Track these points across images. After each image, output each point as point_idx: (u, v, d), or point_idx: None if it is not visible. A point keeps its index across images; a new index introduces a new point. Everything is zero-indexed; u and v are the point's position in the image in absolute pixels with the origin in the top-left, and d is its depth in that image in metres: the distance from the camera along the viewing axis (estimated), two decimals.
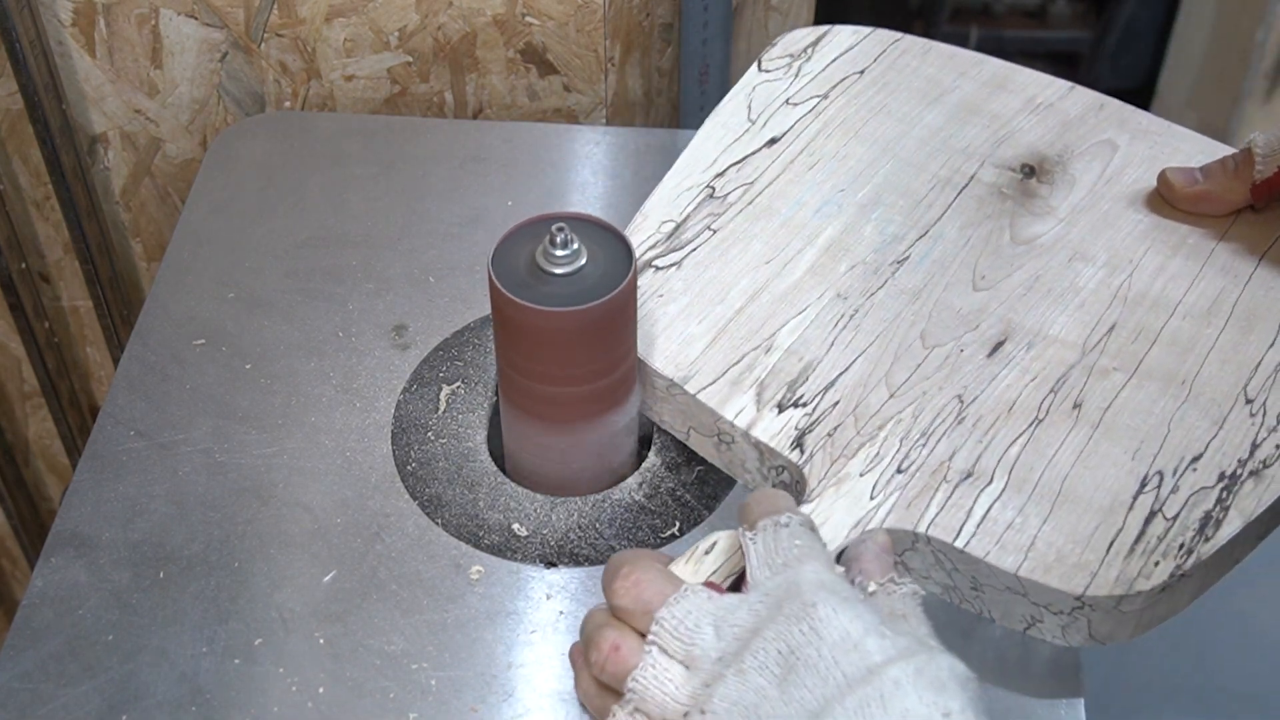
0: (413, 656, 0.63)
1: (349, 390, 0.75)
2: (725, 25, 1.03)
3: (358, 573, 0.66)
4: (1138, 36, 1.86)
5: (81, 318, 1.14)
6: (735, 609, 0.49)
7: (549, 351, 0.62)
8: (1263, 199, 0.72)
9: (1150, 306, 0.69)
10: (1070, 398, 0.65)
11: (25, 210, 1.06)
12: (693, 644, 0.49)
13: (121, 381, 0.75)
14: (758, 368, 0.67)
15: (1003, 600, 0.60)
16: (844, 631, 0.47)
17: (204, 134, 1.02)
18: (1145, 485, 0.61)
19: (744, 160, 0.77)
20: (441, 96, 1.01)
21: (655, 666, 0.49)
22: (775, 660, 0.47)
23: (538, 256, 0.62)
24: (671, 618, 0.50)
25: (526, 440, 0.67)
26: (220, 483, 0.70)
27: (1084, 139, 0.78)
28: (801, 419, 0.65)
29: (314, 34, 0.97)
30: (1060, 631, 0.60)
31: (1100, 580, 0.58)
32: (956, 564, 0.60)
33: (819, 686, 0.46)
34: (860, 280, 0.71)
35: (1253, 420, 0.64)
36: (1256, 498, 0.61)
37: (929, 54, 0.84)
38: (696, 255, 0.72)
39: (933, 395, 0.65)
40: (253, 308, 0.79)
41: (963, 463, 0.63)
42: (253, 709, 0.61)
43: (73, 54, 0.97)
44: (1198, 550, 0.59)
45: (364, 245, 0.83)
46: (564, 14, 0.96)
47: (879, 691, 0.45)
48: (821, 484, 0.62)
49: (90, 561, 0.66)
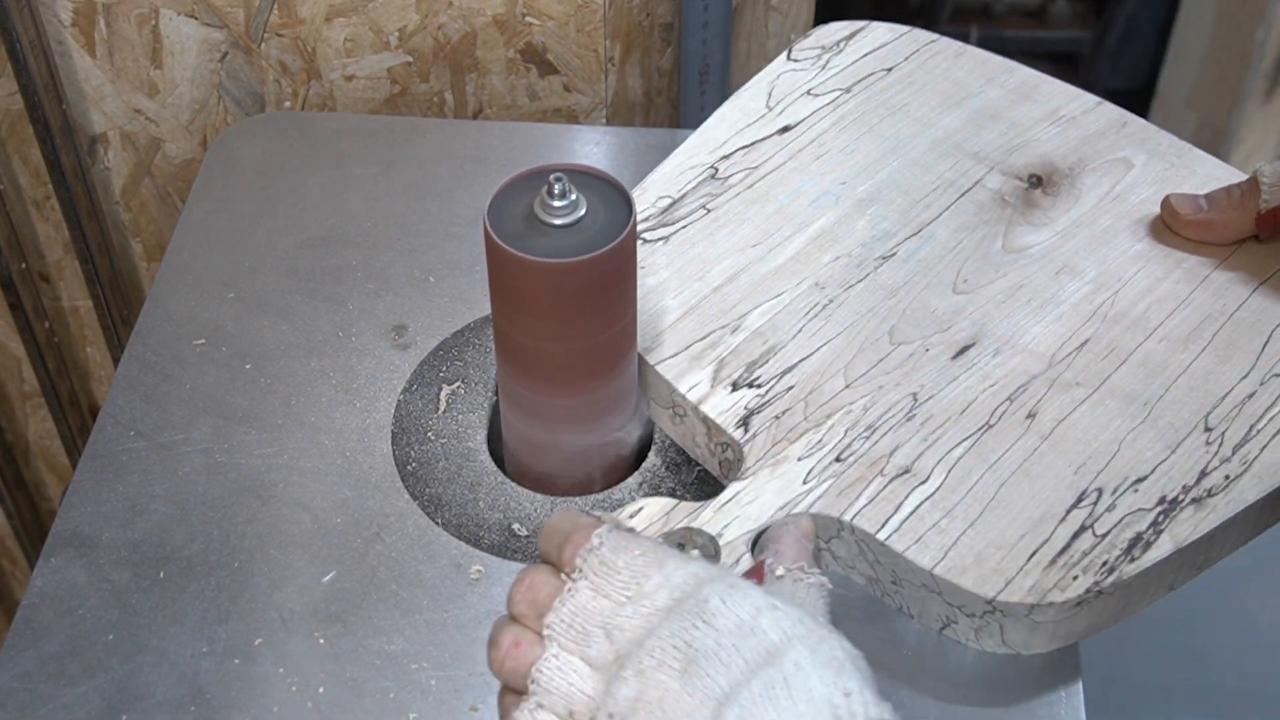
0: (413, 656, 0.63)
1: (349, 390, 0.75)
2: (725, 25, 1.03)
3: (358, 573, 0.66)
4: (1138, 36, 1.86)
5: (81, 318, 1.14)
6: (623, 613, 0.50)
7: (546, 306, 0.60)
8: (1268, 229, 0.71)
9: (1128, 326, 0.69)
10: (1026, 407, 0.65)
11: (25, 210, 1.06)
12: (587, 645, 0.50)
13: (121, 381, 0.75)
14: (720, 346, 0.68)
15: (920, 598, 0.61)
16: (737, 618, 0.48)
17: (204, 134, 1.02)
18: (1082, 500, 0.61)
19: (753, 145, 0.78)
20: (441, 96, 1.01)
21: (558, 659, 0.50)
22: (673, 656, 0.47)
23: (535, 208, 0.60)
24: (560, 620, 0.50)
25: (524, 409, 0.66)
26: (220, 483, 0.70)
27: (1100, 154, 0.77)
28: (753, 399, 0.65)
29: (314, 34, 0.97)
30: (974, 635, 0.60)
31: (1014, 587, 0.58)
32: (878, 556, 0.61)
33: (722, 674, 0.46)
34: (842, 272, 0.71)
35: (1208, 449, 0.63)
36: (1193, 525, 0.60)
37: (961, 57, 0.83)
38: (686, 232, 0.73)
39: (888, 390, 0.66)
40: (253, 308, 0.79)
41: (903, 459, 0.63)
42: (253, 709, 0.61)
43: (73, 54, 0.97)
44: (1120, 570, 0.58)
45: (364, 245, 0.83)
46: (564, 14, 0.96)
47: (782, 674, 0.46)
48: (759, 463, 0.63)
49: (90, 561, 0.66)
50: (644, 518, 0.60)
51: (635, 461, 0.71)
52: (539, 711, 0.50)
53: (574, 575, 0.51)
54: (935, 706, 0.61)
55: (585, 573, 0.51)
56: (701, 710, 0.46)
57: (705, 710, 0.46)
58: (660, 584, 0.50)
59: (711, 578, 0.49)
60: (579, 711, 0.50)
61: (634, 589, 0.50)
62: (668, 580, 0.50)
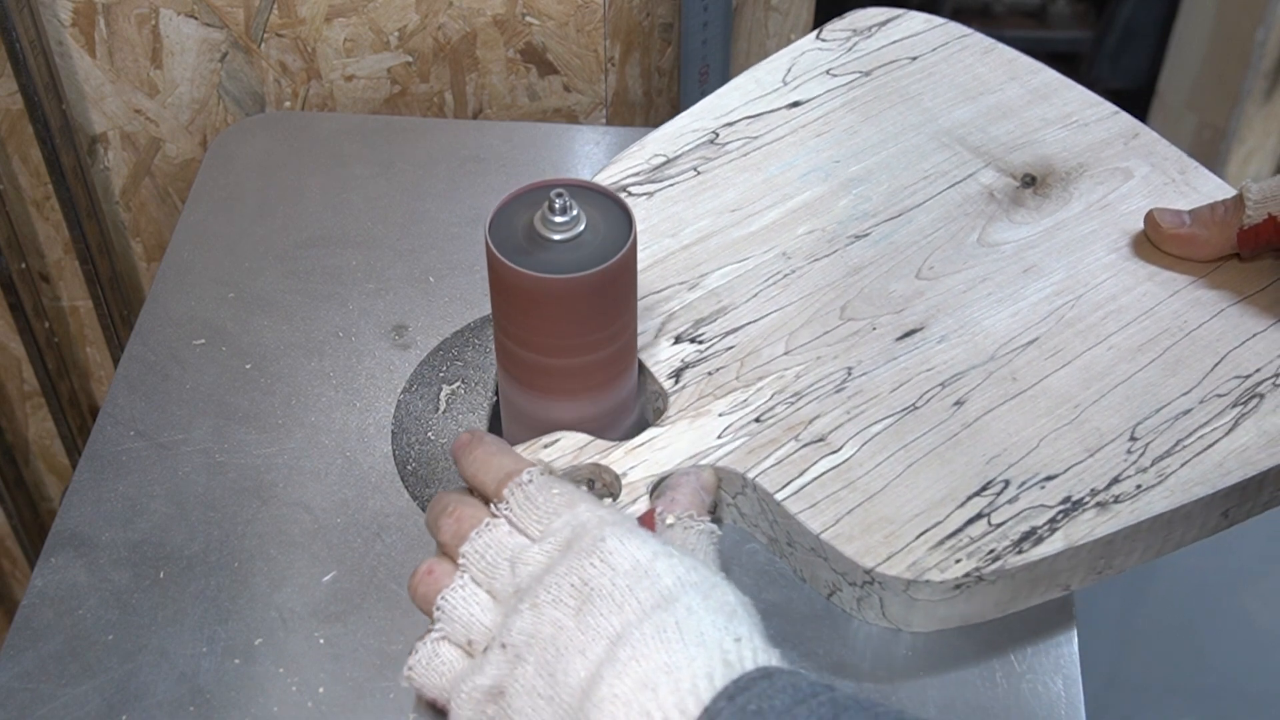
0: None
1: (349, 390, 0.75)
2: (725, 25, 1.03)
3: (358, 573, 0.66)
4: (1138, 36, 1.86)
5: (81, 318, 1.14)
6: (530, 549, 0.51)
7: (547, 320, 0.61)
8: (1249, 247, 0.70)
9: (1080, 332, 0.68)
10: (956, 395, 0.65)
11: (25, 210, 1.06)
12: (494, 578, 0.51)
13: (121, 381, 0.75)
14: (674, 300, 0.69)
15: (809, 561, 0.62)
16: (634, 560, 0.49)
17: (204, 134, 1.02)
18: (985, 489, 0.61)
19: (759, 116, 0.79)
20: (441, 96, 1.01)
21: (464, 589, 0.52)
22: (569, 593, 0.48)
23: (536, 223, 0.60)
24: (474, 550, 0.52)
25: (524, 417, 0.66)
26: (220, 483, 0.70)
27: (1103, 163, 0.77)
28: (691, 353, 0.67)
29: (314, 34, 0.97)
30: (855, 604, 0.61)
31: (894, 562, 0.59)
32: (775, 517, 0.62)
33: (615, 614, 0.47)
34: (811, 245, 0.72)
35: (1128, 457, 0.62)
36: (1090, 527, 0.60)
37: (990, 54, 0.84)
38: (671, 191, 0.74)
39: (825, 362, 0.67)
40: (253, 308, 0.79)
41: (821, 428, 0.64)
42: (253, 709, 0.61)
43: (73, 54, 0.97)
44: (1005, 559, 0.59)
45: (364, 245, 0.83)
46: (564, 14, 0.96)
47: (674, 618, 0.47)
48: (680, 414, 0.64)
49: (90, 561, 0.66)
50: (558, 449, 0.62)
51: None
52: (441, 643, 0.52)
53: (500, 508, 0.53)
54: (935, 706, 0.61)
55: (511, 506, 0.53)
56: (594, 647, 0.47)
57: (598, 647, 0.47)
58: (566, 522, 0.51)
59: (613, 521, 0.51)
60: (477, 641, 0.51)
61: (544, 525, 0.52)
62: (574, 519, 0.51)
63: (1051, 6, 2.05)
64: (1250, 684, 1.17)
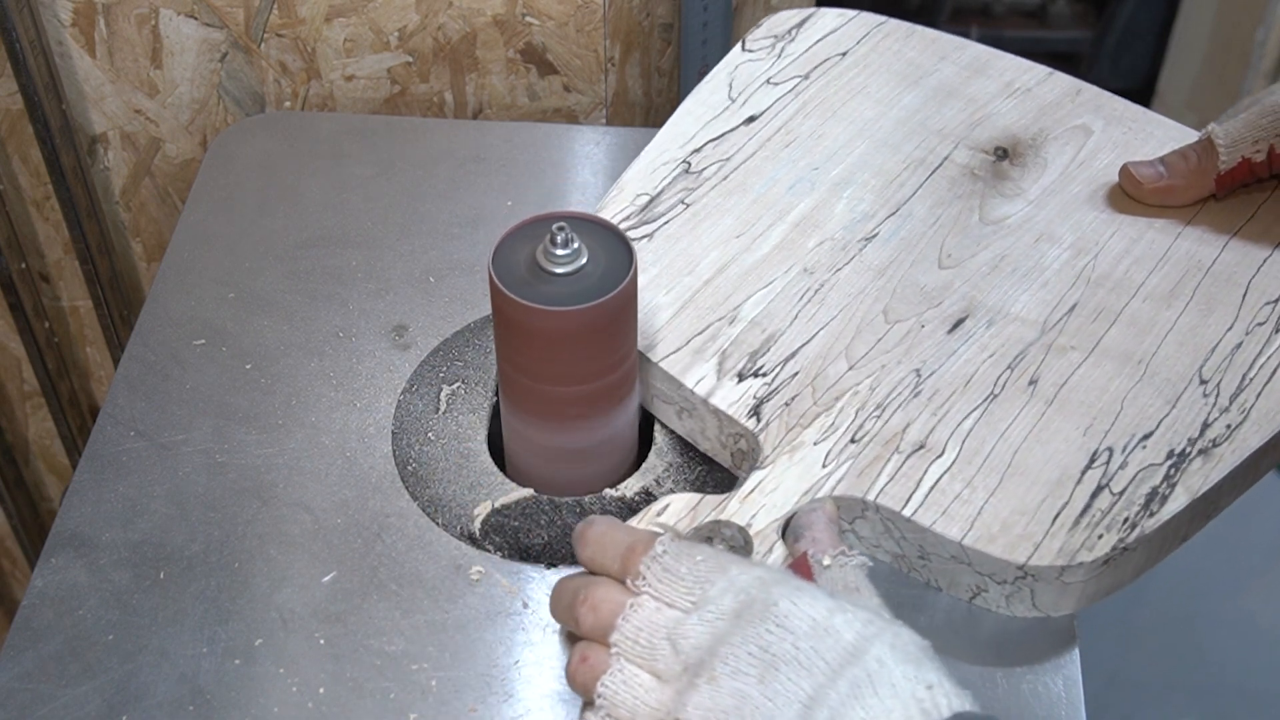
0: (413, 656, 0.63)
1: (349, 390, 0.75)
2: (725, 25, 1.03)
3: (358, 573, 0.66)
4: (1138, 36, 1.86)
5: (81, 318, 1.14)
6: (687, 622, 0.49)
7: (550, 351, 0.62)
8: (1225, 188, 0.74)
9: (1112, 288, 0.70)
10: (1026, 374, 0.66)
11: (25, 210, 1.06)
12: (655, 659, 0.50)
13: (121, 381, 0.75)
14: (721, 338, 0.68)
15: (949, 570, 0.61)
16: (811, 619, 0.47)
17: (204, 134, 1.02)
18: (1094, 460, 0.62)
19: (721, 137, 0.78)
20: (441, 96, 1.01)
21: (623, 673, 0.50)
22: (748, 663, 0.47)
23: (538, 256, 0.62)
24: (626, 637, 0.50)
25: (527, 440, 0.67)
26: (220, 483, 0.70)
27: (1060, 123, 0.79)
28: (760, 388, 0.66)
29: (314, 34, 0.97)
30: (1004, 601, 0.61)
31: (1043, 551, 0.59)
32: (904, 533, 0.61)
33: (804, 677, 0.46)
34: (828, 255, 0.72)
35: (1205, 400, 0.65)
36: (1204, 476, 0.62)
37: (911, 37, 0.85)
38: (668, 228, 0.73)
39: (891, 369, 0.67)
40: (253, 308, 0.79)
41: (916, 434, 0.64)
42: (253, 709, 0.61)
43: (73, 54, 0.97)
44: (1141, 525, 0.60)
45: (364, 245, 0.83)
46: (564, 14, 0.96)
47: (865, 671, 0.46)
48: (775, 451, 0.63)
49: (90, 561, 0.66)
50: (671, 514, 0.60)
51: (636, 462, 0.71)
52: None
53: (639, 584, 0.51)
54: None
55: (650, 581, 0.51)
56: (785, 713, 0.46)
57: (790, 713, 0.46)
58: (725, 589, 0.49)
59: (776, 580, 0.49)
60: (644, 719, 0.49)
61: (698, 595, 0.50)
62: (732, 585, 0.49)
63: (1051, 6, 2.05)
64: (1250, 683, 1.17)
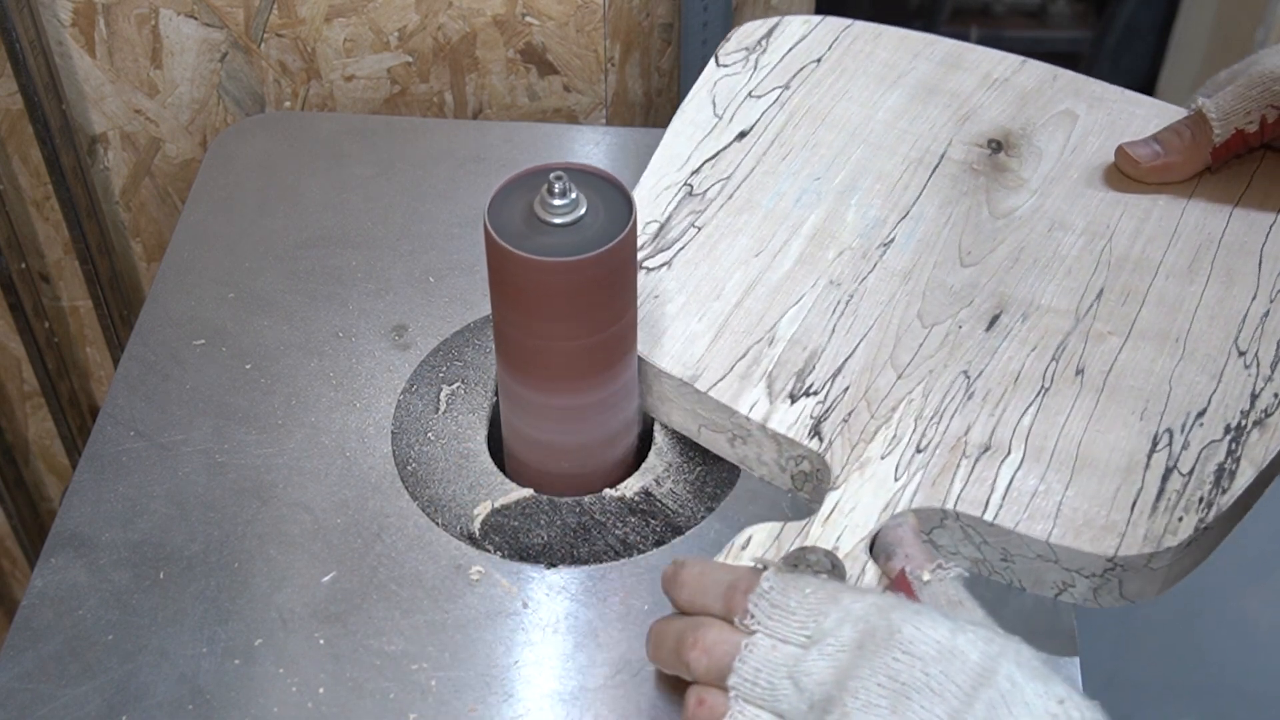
0: (413, 657, 0.63)
1: (349, 390, 0.75)
2: (725, 25, 1.03)
3: (358, 573, 0.66)
4: (1138, 36, 1.86)
5: (81, 318, 1.14)
6: (808, 658, 0.49)
7: (547, 305, 0.60)
8: (1220, 160, 0.75)
9: (1134, 269, 0.70)
10: (1072, 364, 0.66)
11: (25, 210, 1.06)
12: (777, 699, 0.49)
13: (121, 381, 0.75)
14: (764, 360, 0.67)
15: (1034, 569, 0.61)
16: (935, 643, 0.47)
17: (204, 134, 1.02)
18: (1157, 444, 0.63)
19: (717, 156, 0.78)
20: (441, 96, 1.01)
21: (744, 715, 0.49)
22: (878, 695, 0.46)
23: (535, 206, 0.60)
24: (745, 680, 0.49)
25: (524, 409, 0.66)
26: (220, 483, 0.70)
27: (1043, 111, 0.79)
28: (815, 407, 0.65)
29: (314, 34, 0.97)
30: (1092, 594, 0.60)
31: (1130, 540, 0.59)
32: (986, 537, 0.61)
33: (938, 703, 0.45)
34: (850, 265, 0.72)
35: (1248, 372, 0.65)
36: (1265, 446, 0.62)
37: (880, 38, 0.85)
38: (685, 254, 0.73)
39: (939, 373, 0.66)
40: (253, 308, 0.79)
41: (979, 436, 0.63)
42: (253, 709, 0.61)
43: (73, 54, 0.97)
44: (1217, 502, 0.60)
45: (364, 245, 0.83)
46: (564, 14, 0.96)
47: (999, 692, 0.45)
48: (845, 470, 0.62)
49: (90, 561, 0.66)
50: (756, 545, 0.59)
51: (636, 462, 0.71)
52: None
53: (749, 623, 0.50)
54: None
55: (760, 619, 0.50)
56: None
57: None
58: (841, 619, 0.49)
59: (892, 605, 0.48)
60: None
61: (812, 628, 0.49)
62: (848, 614, 0.49)
63: (1051, 6, 2.05)
64: (1250, 684, 1.17)
